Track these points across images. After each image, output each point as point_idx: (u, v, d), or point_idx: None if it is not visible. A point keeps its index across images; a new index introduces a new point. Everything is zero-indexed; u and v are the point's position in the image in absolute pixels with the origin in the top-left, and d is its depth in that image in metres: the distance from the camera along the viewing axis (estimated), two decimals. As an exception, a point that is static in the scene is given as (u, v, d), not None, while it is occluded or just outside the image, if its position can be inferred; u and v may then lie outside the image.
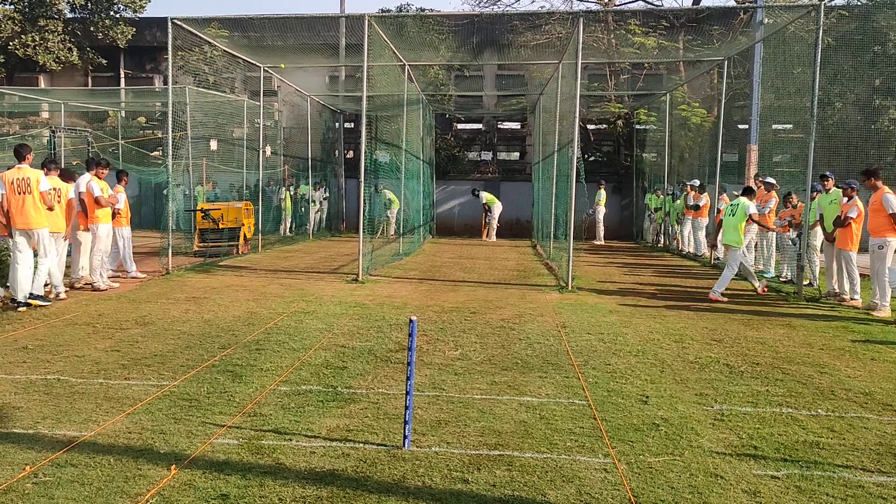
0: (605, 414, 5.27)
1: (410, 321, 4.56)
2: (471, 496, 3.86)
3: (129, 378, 5.99)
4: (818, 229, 12.24)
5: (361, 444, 4.57)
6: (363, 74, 12.27)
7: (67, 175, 10.47)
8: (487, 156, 28.78)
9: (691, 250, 18.44)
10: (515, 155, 30.56)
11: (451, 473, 4.15)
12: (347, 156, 27.99)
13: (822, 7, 10.80)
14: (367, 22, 11.81)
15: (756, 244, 14.93)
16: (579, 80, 11.56)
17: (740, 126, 23.52)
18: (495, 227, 23.33)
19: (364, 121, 12.52)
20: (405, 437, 4.53)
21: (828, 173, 11.93)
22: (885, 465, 4.38)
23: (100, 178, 10.92)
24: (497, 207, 23.31)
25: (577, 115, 11.90)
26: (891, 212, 9.57)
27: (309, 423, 4.96)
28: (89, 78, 31.49)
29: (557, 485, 4.03)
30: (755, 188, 15.56)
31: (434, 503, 3.78)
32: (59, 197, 9.73)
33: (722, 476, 4.17)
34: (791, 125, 20.19)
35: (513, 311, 9.59)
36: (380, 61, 16.01)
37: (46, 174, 9.56)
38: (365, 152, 12.75)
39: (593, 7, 28.04)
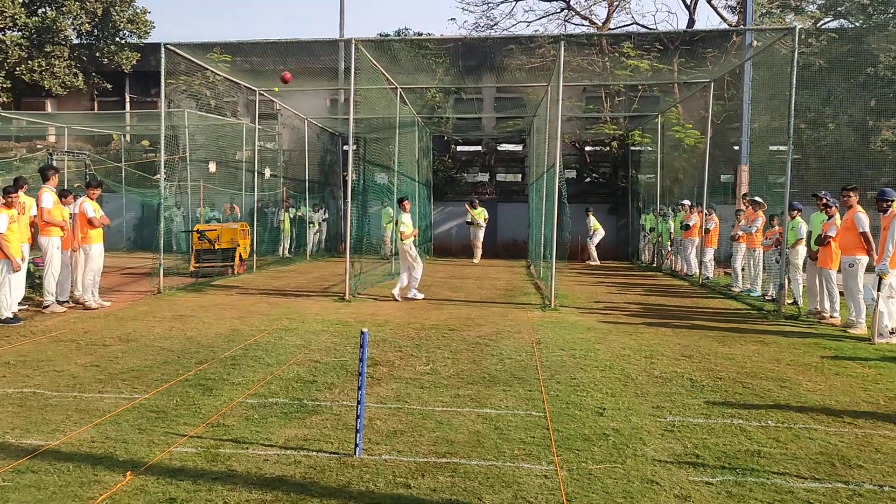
0: (559, 425, 5.41)
1: (361, 333, 4.74)
2: (410, 500, 4.01)
3: (102, 391, 6.17)
4: (800, 248, 12.37)
5: (315, 453, 4.73)
6: (350, 97, 12.54)
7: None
8: (484, 177, 29.03)
9: (681, 269, 18.57)
10: (516, 177, 30.78)
11: (396, 479, 4.30)
12: (346, 177, 28.28)
13: (797, 31, 11.05)
14: (353, 46, 12.11)
15: (744, 266, 15.06)
16: (560, 102, 11.77)
17: (735, 147, 23.74)
18: (479, 245, 23.34)
19: (351, 142, 12.78)
20: (356, 445, 4.69)
21: (823, 192, 11.76)
22: (819, 473, 4.51)
23: (91, 199, 11.19)
24: (480, 229, 23.18)
25: (559, 138, 12.10)
26: (861, 230, 9.72)
27: (269, 433, 5.12)
28: (95, 102, 32.05)
29: (496, 490, 4.17)
30: (744, 207, 15.80)
31: (374, 507, 3.94)
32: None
33: (657, 482, 4.31)
34: (786, 146, 20.34)
35: (492, 328, 9.74)
36: (376, 84, 16.32)
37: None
38: (353, 174, 12.99)
39: (588, 30, 28.43)
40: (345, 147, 28.14)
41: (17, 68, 27.22)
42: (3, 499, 3.93)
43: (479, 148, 29.80)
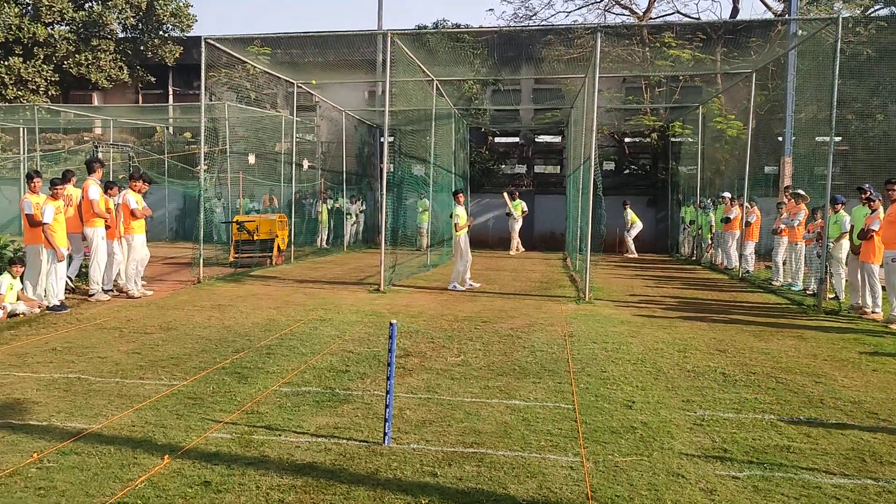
0: (587, 417, 5.43)
1: (391, 324, 4.82)
2: (436, 488, 4.09)
3: (143, 378, 6.38)
4: (843, 242, 12.12)
5: (345, 441, 4.84)
6: (385, 89, 12.64)
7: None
8: (521, 169, 28.94)
9: (721, 263, 18.33)
10: (554, 168, 30.61)
11: (423, 468, 4.38)
12: (382, 169, 28.47)
13: (841, 20, 10.81)
14: (389, 39, 12.19)
15: (785, 259, 14.82)
16: (596, 94, 11.70)
17: (780, 138, 23.27)
18: (517, 238, 23.19)
19: (386, 134, 12.89)
20: (385, 433, 4.78)
21: (867, 185, 11.56)
22: (848, 469, 4.47)
23: (135, 191, 11.49)
24: (517, 221, 22.93)
25: (595, 130, 12.01)
26: (905, 224, 9.50)
27: (301, 420, 5.25)
28: (140, 95, 32.78)
29: (521, 479, 4.23)
30: (786, 200, 15.51)
31: (401, 494, 4.02)
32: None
33: (683, 476, 4.32)
34: (838, 138, 19.91)
35: (524, 320, 9.77)
36: (413, 77, 16.39)
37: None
38: (388, 165, 13.12)
39: (629, 20, 28.10)
40: (382, 139, 28.34)
41: (65, 62, 27.97)
42: (48, 479, 4.11)
43: (516, 139, 29.71)
